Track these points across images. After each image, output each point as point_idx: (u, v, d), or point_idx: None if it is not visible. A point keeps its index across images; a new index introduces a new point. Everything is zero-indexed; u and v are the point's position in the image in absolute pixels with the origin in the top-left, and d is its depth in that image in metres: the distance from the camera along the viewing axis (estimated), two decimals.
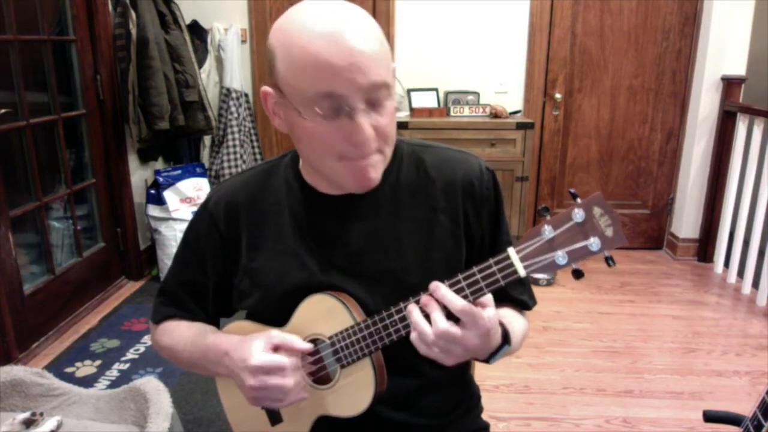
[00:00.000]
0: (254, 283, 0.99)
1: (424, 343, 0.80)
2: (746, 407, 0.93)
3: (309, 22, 0.79)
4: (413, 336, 0.81)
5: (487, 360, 0.89)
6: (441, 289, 0.80)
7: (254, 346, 0.89)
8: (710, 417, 1.06)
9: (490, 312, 0.80)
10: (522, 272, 0.78)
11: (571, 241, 0.75)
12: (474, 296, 0.80)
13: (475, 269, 0.80)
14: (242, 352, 0.90)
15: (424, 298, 0.81)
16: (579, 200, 0.75)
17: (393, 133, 0.88)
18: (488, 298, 0.81)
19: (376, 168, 0.87)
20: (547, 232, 0.76)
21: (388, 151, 0.89)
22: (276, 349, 0.90)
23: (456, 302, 0.78)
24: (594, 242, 0.74)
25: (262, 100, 0.90)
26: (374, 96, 0.81)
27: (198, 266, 1.03)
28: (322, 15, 0.80)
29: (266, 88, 0.89)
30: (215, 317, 1.09)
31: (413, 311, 0.82)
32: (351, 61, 0.77)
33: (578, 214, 0.75)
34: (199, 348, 1.00)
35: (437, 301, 0.80)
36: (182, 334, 1.04)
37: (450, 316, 0.79)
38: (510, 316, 0.98)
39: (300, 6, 0.83)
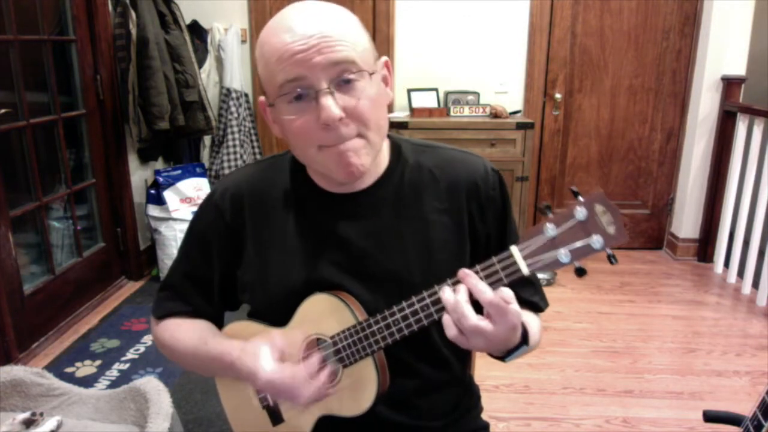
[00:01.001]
0: (257, 278, 0.99)
1: (456, 328, 0.78)
2: (746, 407, 0.93)
3: (279, 20, 0.83)
4: (445, 317, 0.79)
5: (503, 358, 0.88)
6: (472, 277, 0.78)
7: (262, 358, 0.87)
8: (710, 417, 1.06)
9: (516, 307, 0.78)
10: (525, 270, 0.78)
11: (573, 238, 0.75)
12: None
13: (478, 267, 0.80)
14: (249, 363, 0.89)
15: (457, 288, 0.79)
16: (581, 198, 0.75)
17: (373, 117, 0.85)
18: (510, 295, 0.78)
19: (357, 154, 0.85)
20: (550, 230, 0.76)
21: (372, 136, 0.87)
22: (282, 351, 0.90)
23: (487, 293, 0.77)
24: (596, 240, 0.74)
25: (260, 110, 0.92)
26: (339, 76, 0.81)
27: (203, 259, 1.03)
28: (293, 13, 0.83)
29: (261, 98, 0.91)
30: (220, 311, 1.09)
31: (447, 300, 0.79)
32: (307, 44, 0.79)
33: (580, 212, 0.75)
34: (202, 356, 1.00)
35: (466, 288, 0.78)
36: (184, 337, 1.03)
37: (474, 303, 0.78)
38: (526, 317, 0.95)
39: (280, 11, 0.86)
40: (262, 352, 0.88)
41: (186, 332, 1.04)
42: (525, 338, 0.86)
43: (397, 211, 0.96)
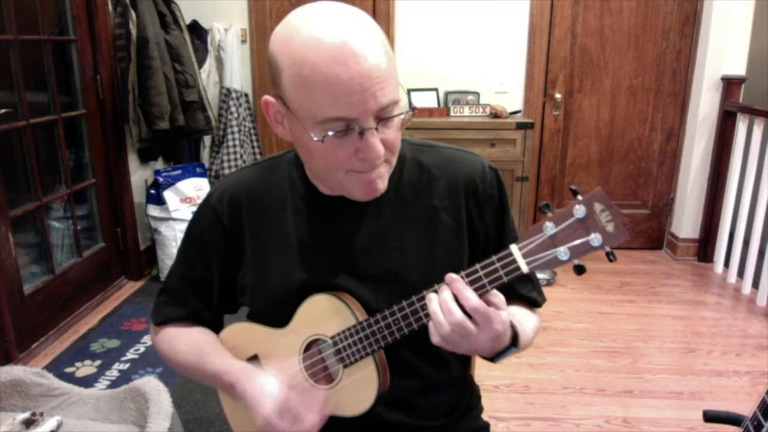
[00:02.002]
0: (257, 280, 0.98)
1: (439, 334, 0.79)
2: (746, 407, 0.93)
3: (316, 36, 0.77)
4: (430, 324, 0.81)
5: (492, 359, 0.88)
6: (458, 282, 0.79)
7: (268, 393, 0.88)
8: (710, 417, 1.06)
9: (502, 315, 0.79)
10: (525, 268, 0.78)
11: (572, 237, 0.75)
12: (478, 293, 0.80)
13: (478, 266, 0.80)
14: (253, 393, 0.89)
15: (442, 288, 0.81)
16: (580, 196, 0.75)
17: (399, 143, 0.88)
18: (501, 300, 0.80)
19: (383, 179, 0.87)
20: (549, 228, 0.76)
21: (394, 159, 0.89)
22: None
23: (471, 299, 0.77)
24: (595, 238, 0.74)
25: (263, 108, 0.89)
26: (385, 113, 0.81)
27: (202, 263, 1.02)
28: (330, 29, 0.77)
29: (268, 98, 0.87)
30: (219, 314, 1.08)
31: (432, 300, 0.81)
32: (364, 87, 0.76)
33: (579, 210, 0.75)
34: (200, 372, 1.00)
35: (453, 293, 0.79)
36: (181, 351, 1.03)
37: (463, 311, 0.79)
38: (521, 315, 0.97)
39: (303, 14, 0.80)
40: (270, 384, 0.89)
41: (184, 345, 1.03)
42: (515, 340, 0.86)
43: (397, 211, 0.96)
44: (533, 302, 1.04)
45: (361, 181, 0.85)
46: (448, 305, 0.78)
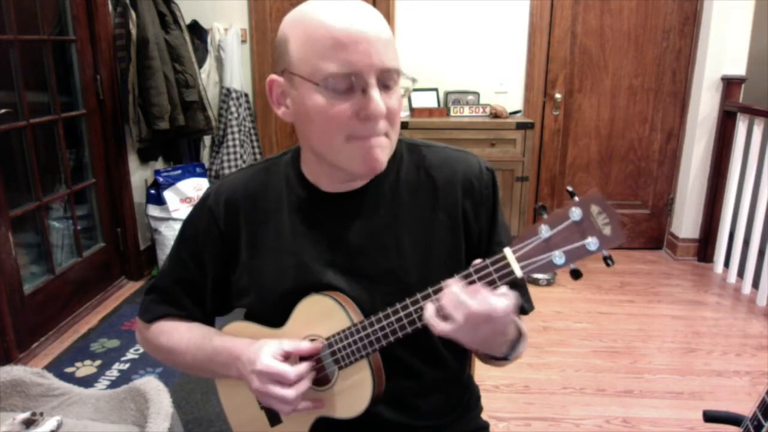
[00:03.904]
0: (252, 282, 0.98)
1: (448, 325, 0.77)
2: (746, 407, 0.93)
3: (325, 11, 0.83)
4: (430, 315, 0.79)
5: (507, 356, 0.90)
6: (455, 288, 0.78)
7: (264, 352, 0.89)
8: (710, 417, 1.06)
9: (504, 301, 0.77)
10: (519, 273, 0.77)
11: (568, 240, 0.74)
12: None
13: (471, 270, 0.80)
14: (251, 355, 0.90)
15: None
16: (576, 198, 0.74)
17: (399, 120, 0.90)
18: (505, 305, 0.77)
19: (383, 150, 0.87)
20: (544, 231, 0.75)
21: (394, 137, 0.90)
22: (287, 356, 0.90)
23: (471, 304, 0.76)
24: (592, 241, 0.72)
25: (267, 89, 0.91)
26: (386, 78, 0.84)
27: (196, 264, 1.02)
28: (337, 6, 0.83)
29: (273, 76, 0.90)
30: (212, 316, 1.08)
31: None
32: (368, 42, 0.81)
33: (575, 213, 0.73)
34: (205, 352, 0.99)
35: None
36: (182, 336, 1.03)
37: None
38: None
39: (311, 2, 0.86)
40: (269, 347, 0.90)
41: (185, 332, 1.03)
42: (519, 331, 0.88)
43: (394, 211, 0.96)
44: (521, 309, 1.03)
45: (361, 150, 0.85)
46: (458, 296, 0.77)
